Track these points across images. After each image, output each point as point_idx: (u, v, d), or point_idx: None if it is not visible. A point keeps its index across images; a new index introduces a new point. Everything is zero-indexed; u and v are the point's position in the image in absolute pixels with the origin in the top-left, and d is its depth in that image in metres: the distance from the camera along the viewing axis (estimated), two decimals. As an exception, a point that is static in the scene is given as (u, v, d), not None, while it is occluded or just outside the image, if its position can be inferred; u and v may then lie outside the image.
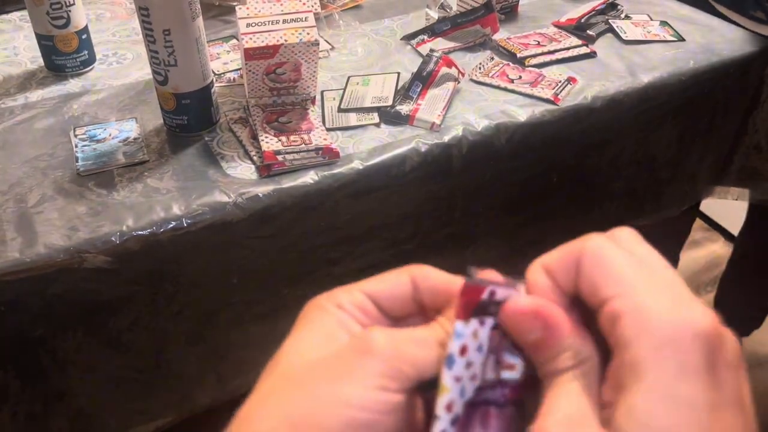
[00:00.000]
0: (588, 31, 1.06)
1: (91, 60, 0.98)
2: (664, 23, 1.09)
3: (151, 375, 0.79)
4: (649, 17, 1.11)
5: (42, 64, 0.98)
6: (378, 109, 0.88)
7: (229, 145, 0.83)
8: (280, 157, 0.78)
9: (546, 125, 0.89)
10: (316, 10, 0.86)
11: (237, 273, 0.78)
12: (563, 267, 0.27)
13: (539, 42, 1.04)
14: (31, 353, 0.71)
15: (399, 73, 0.95)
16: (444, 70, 0.93)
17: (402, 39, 1.06)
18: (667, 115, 0.99)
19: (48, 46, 0.95)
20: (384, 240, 0.85)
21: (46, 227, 0.70)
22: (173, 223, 0.72)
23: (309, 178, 0.77)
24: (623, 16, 1.11)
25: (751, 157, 1.12)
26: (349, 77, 0.95)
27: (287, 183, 0.77)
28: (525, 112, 0.89)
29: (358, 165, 0.80)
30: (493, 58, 1.01)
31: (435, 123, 0.85)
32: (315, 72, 0.86)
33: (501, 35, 1.05)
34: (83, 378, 0.75)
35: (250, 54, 0.82)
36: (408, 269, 0.30)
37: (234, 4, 1.08)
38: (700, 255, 1.90)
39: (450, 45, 1.03)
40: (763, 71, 1.06)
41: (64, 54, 0.95)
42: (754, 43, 1.04)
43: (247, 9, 0.85)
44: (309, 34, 0.82)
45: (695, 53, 1.02)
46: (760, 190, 1.15)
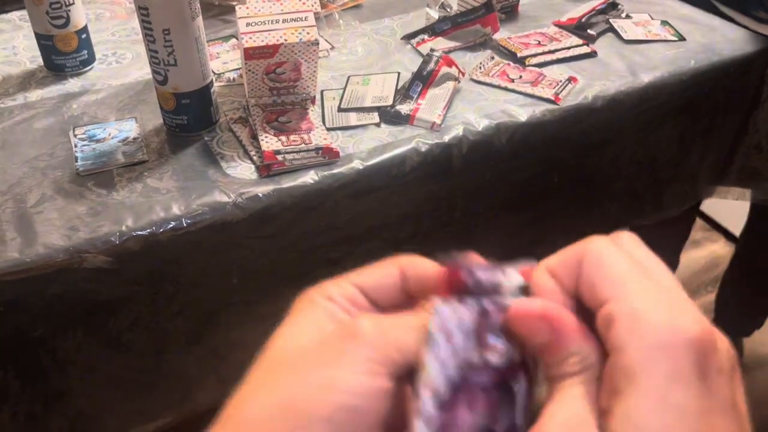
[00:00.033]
0: (589, 31, 1.06)
1: (91, 60, 0.98)
2: (664, 23, 1.09)
3: (151, 375, 0.79)
4: (650, 17, 1.11)
5: (41, 63, 0.98)
6: (378, 109, 0.88)
7: (229, 145, 0.83)
8: (279, 157, 0.77)
9: (546, 125, 0.89)
10: (316, 9, 0.86)
11: (237, 273, 0.78)
12: (567, 269, 0.27)
13: (540, 41, 1.04)
14: (31, 353, 0.71)
15: (399, 73, 0.95)
16: (444, 69, 0.93)
17: (402, 38, 1.06)
18: (668, 115, 0.99)
19: (47, 45, 0.95)
20: (384, 240, 0.85)
21: (45, 227, 0.70)
22: (173, 223, 0.72)
23: (309, 178, 0.77)
24: (624, 15, 1.11)
25: (752, 157, 1.12)
26: (349, 77, 0.95)
27: (287, 183, 0.77)
28: (525, 111, 0.89)
29: (358, 165, 0.79)
30: (494, 57, 1.01)
31: (435, 123, 0.85)
32: (315, 71, 0.86)
33: (501, 35, 1.05)
34: (83, 378, 0.75)
35: (249, 53, 0.82)
36: (396, 259, 0.31)
37: (234, 3, 1.08)
38: (700, 255, 1.90)
39: (450, 44, 1.03)
40: (764, 71, 1.06)
41: (63, 54, 0.95)
42: (754, 43, 1.04)
43: (247, 8, 0.85)
44: (309, 33, 0.82)
45: (696, 53, 1.01)
46: (760, 190, 1.15)
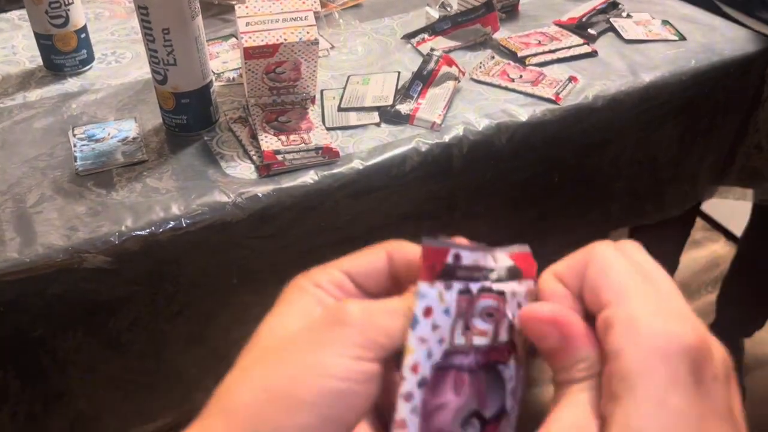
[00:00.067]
0: (589, 30, 1.06)
1: (90, 59, 0.98)
2: (665, 22, 1.09)
3: (151, 375, 0.79)
4: (651, 16, 1.11)
5: (41, 63, 0.98)
6: (378, 109, 0.88)
7: (229, 145, 0.82)
8: (279, 157, 0.77)
9: (547, 125, 0.89)
10: (315, 8, 0.86)
11: (237, 273, 0.78)
12: (573, 274, 0.27)
13: (540, 41, 1.04)
14: (31, 353, 0.71)
15: (399, 73, 0.95)
16: (444, 69, 0.92)
17: (402, 38, 1.06)
18: (668, 115, 0.99)
19: (47, 45, 0.94)
20: (384, 240, 0.85)
21: (45, 227, 0.70)
22: (172, 223, 0.71)
23: (309, 177, 0.77)
24: (624, 15, 1.11)
25: (753, 157, 1.12)
26: (349, 76, 0.95)
27: (287, 183, 0.76)
28: (526, 111, 0.89)
29: (358, 165, 0.79)
30: (494, 57, 1.00)
31: (435, 122, 0.85)
32: (315, 71, 0.86)
33: (502, 34, 1.05)
34: (83, 378, 0.75)
35: (249, 53, 0.82)
36: (384, 245, 0.31)
37: (233, 2, 1.08)
38: (701, 255, 1.90)
39: (450, 44, 1.03)
40: (764, 71, 1.05)
41: (62, 53, 0.95)
42: (755, 43, 1.04)
43: (247, 8, 0.84)
44: (309, 33, 0.82)
45: (696, 52, 1.01)
46: (761, 189, 1.15)
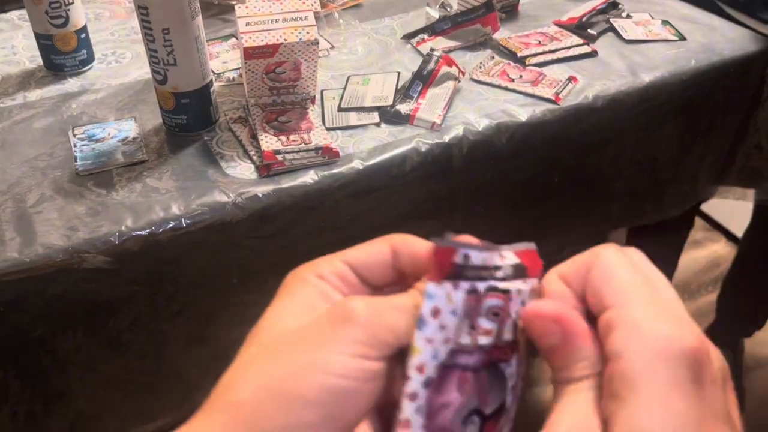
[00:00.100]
0: (589, 30, 1.06)
1: (90, 59, 0.98)
2: (665, 22, 1.09)
3: (151, 375, 0.79)
4: (651, 16, 1.11)
5: (41, 63, 0.98)
6: (378, 109, 0.88)
7: (229, 145, 0.82)
8: (279, 157, 0.77)
9: (547, 125, 0.89)
10: (315, 8, 0.86)
11: (237, 273, 0.78)
12: (578, 276, 0.27)
13: (540, 41, 1.04)
14: (31, 353, 0.71)
15: (399, 73, 0.95)
16: (444, 69, 0.92)
17: (402, 38, 1.06)
18: (668, 115, 0.99)
19: (47, 45, 0.94)
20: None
21: (45, 227, 0.70)
22: (172, 223, 0.71)
23: (309, 177, 0.77)
24: (624, 15, 1.11)
25: (753, 157, 1.12)
26: (349, 76, 0.95)
27: (287, 183, 0.76)
28: (526, 111, 0.89)
29: (358, 165, 0.79)
30: (494, 57, 1.00)
31: (435, 122, 0.85)
32: (315, 71, 0.86)
33: (502, 34, 1.05)
34: (83, 378, 0.75)
35: (249, 53, 0.82)
36: (388, 237, 0.30)
37: (233, 2, 1.08)
38: (701, 255, 1.90)
39: (450, 44, 1.03)
40: (764, 71, 1.05)
41: (62, 53, 0.95)
42: (755, 43, 1.04)
43: (247, 8, 0.84)
44: (309, 33, 0.82)
45: (696, 52, 1.01)
46: (761, 190, 1.15)
